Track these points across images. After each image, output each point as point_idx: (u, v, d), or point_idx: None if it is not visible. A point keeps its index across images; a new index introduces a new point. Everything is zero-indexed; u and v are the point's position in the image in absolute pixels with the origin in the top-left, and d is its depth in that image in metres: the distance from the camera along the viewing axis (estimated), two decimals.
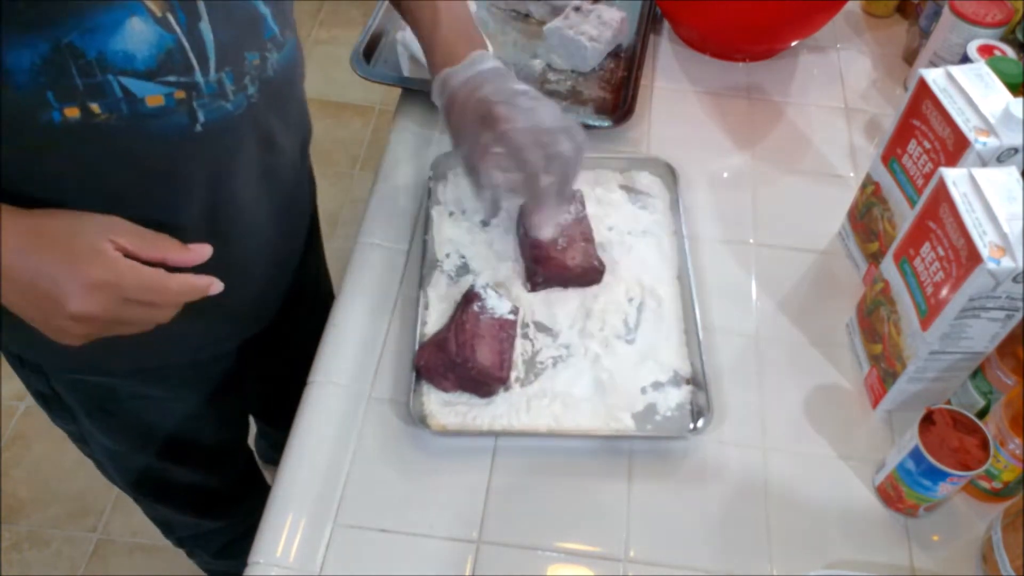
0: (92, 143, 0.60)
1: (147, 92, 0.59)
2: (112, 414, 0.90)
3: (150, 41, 0.57)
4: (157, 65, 0.58)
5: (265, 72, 0.67)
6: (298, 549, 0.68)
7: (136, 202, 0.65)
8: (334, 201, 2.07)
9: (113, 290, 0.59)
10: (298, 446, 0.73)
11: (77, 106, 0.57)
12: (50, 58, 0.54)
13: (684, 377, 0.77)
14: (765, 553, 0.70)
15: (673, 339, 0.80)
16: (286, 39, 0.69)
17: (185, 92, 0.61)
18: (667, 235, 0.88)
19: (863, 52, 1.13)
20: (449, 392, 0.75)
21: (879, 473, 0.73)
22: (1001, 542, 0.66)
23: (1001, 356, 0.71)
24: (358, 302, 0.83)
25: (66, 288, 0.57)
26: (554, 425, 0.74)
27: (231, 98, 0.65)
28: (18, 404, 1.71)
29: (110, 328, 0.61)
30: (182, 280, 0.62)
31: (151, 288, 0.60)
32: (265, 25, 0.66)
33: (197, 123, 0.63)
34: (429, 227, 0.86)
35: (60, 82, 0.55)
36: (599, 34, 1.03)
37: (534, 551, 0.69)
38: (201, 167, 0.67)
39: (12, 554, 1.55)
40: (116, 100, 0.58)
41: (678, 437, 0.75)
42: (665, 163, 0.93)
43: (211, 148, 0.66)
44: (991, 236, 0.63)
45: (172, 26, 0.58)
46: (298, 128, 0.81)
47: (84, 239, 0.59)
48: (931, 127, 0.75)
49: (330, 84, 2.19)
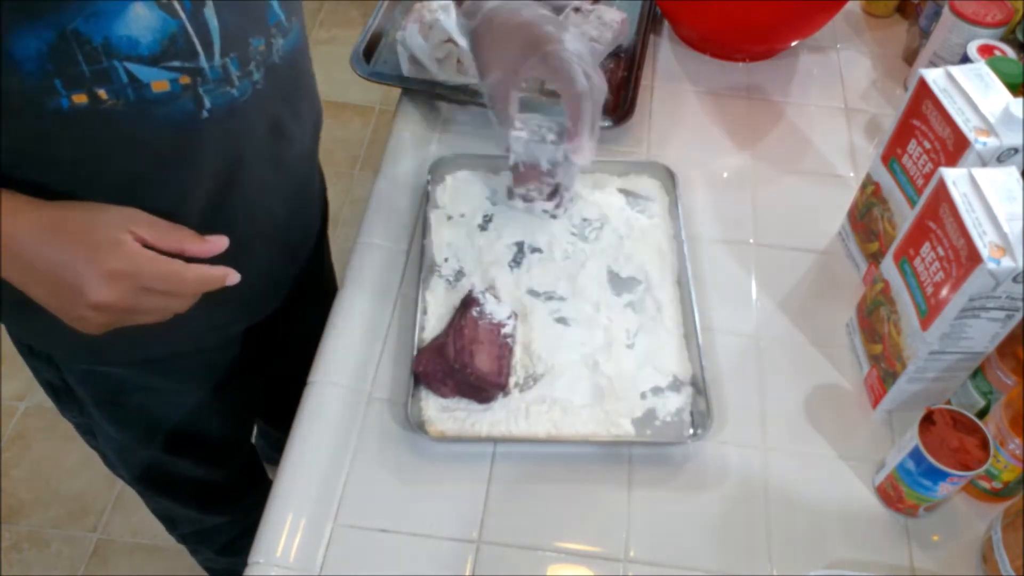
0: (100, 129, 0.61)
1: (152, 78, 0.60)
2: (121, 405, 0.91)
3: (154, 26, 0.58)
4: (161, 50, 0.59)
5: (270, 58, 0.68)
6: (298, 549, 0.68)
7: (145, 188, 0.66)
8: (334, 201, 2.05)
9: (132, 279, 0.60)
10: (298, 446, 0.73)
11: (84, 92, 0.58)
12: (56, 45, 0.55)
13: (683, 382, 0.77)
14: (765, 553, 0.70)
15: (672, 344, 0.80)
16: (292, 25, 0.70)
17: (190, 78, 0.62)
18: (666, 239, 0.88)
19: (863, 52, 1.13)
20: (448, 398, 0.75)
21: (879, 473, 0.73)
22: (1001, 542, 0.66)
23: (1001, 356, 0.71)
24: (358, 302, 0.83)
25: (86, 278, 0.59)
26: (553, 431, 0.73)
27: (236, 84, 0.65)
28: (18, 404, 1.71)
29: (129, 317, 0.63)
30: (200, 270, 0.64)
31: (169, 278, 0.62)
32: (270, 11, 0.67)
33: (203, 109, 0.64)
34: (427, 231, 0.86)
35: (67, 69, 0.56)
36: (599, 35, 1.03)
37: (534, 551, 0.69)
38: (209, 153, 0.68)
39: (12, 554, 1.55)
40: (122, 86, 0.59)
41: (678, 443, 0.74)
42: (664, 167, 0.92)
43: (218, 134, 0.67)
44: (991, 236, 0.63)
45: (176, 11, 0.59)
46: (309, 114, 0.81)
47: (104, 230, 0.60)
48: (931, 127, 0.75)
49: (330, 84, 2.17)
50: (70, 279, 0.59)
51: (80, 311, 0.61)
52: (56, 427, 0.95)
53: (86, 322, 0.62)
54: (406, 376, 0.76)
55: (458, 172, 0.92)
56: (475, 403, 0.74)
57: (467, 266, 0.84)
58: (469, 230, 0.87)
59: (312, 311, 0.89)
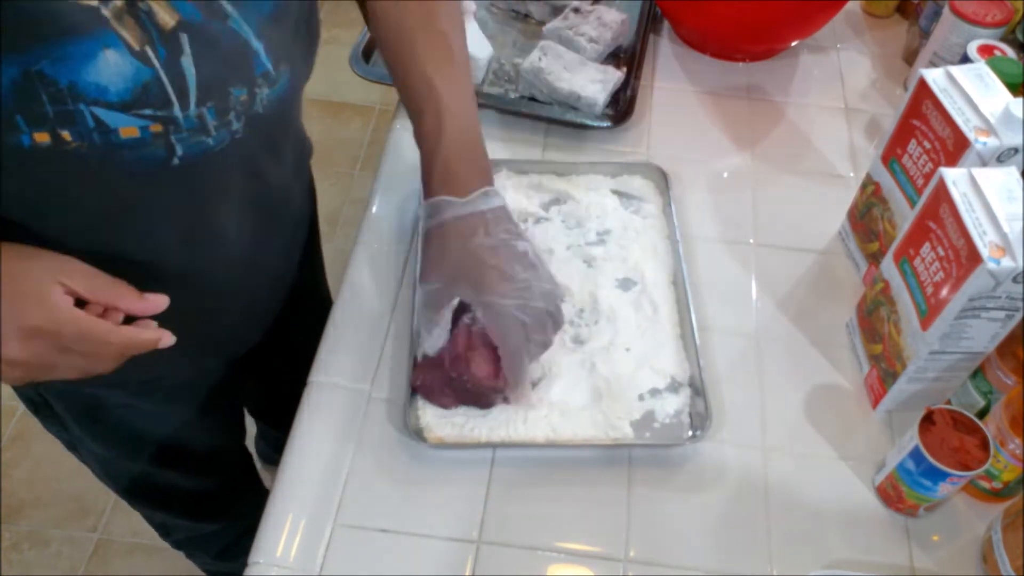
0: (63, 169, 0.57)
1: (121, 124, 0.56)
2: (100, 422, 0.88)
3: (125, 74, 0.54)
4: (132, 98, 0.55)
5: (253, 108, 0.63)
6: (298, 549, 0.68)
7: (112, 228, 0.64)
8: (334, 201, 2.07)
9: (50, 338, 0.57)
10: (298, 446, 0.73)
11: (47, 131, 0.54)
12: (20, 83, 0.52)
13: (681, 383, 0.77)
14: (765, 553, 0.70)
15: (669, 345, 0.80)
16: (279, 74, 0.64)
17: (162, 125, 0.57)
18: (661, 239, 0.88)
19: (863, 52, 1.13)
20: (449, 408, 0.74)
21: (879, 473, 0.73)
22: (1001, 542, 0.66)
23: (1001, 356, 0.71)
24: (358, 302, 0.83)
25: (3, 331, 0.56)
26: (552, 435, 0.73)
27: (213, 133, 0.61)
28: (18, 404, 1.71)
29: (44, 374, 0.60)
30: (126, 334, 0.60)
31: (89, 339, 0.59)
32: (257, 60, 0.61)
33: (175, 156, 0.59)
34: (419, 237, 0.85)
35: (29, 107, 0.52)
36: (599, 35, 1.03)
37: (534, 551, 0.69)
38: (179, 199, 0.65)
39: (12, 554, 1.55)
40: (88, 129, 0.55)
41: (676, 444, 0.74)
42: (657, 167, 0.92)
43: (190, 181, 0.63)
44: (991, 236, 0.63)
45: (151, 60, 0.55)
46: (292, 154, 0.78)
47: (31, 280, 0.57)
48: (931, 127, 0.75)
49: (330, 84, 2.19)
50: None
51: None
52: None
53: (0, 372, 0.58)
54: (404, 381, 0.76)
55: None
56: (475, 408, 0.74)
57: None
58: None
59: (305, 322, 0.88)
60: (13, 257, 0.58)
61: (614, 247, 0.87)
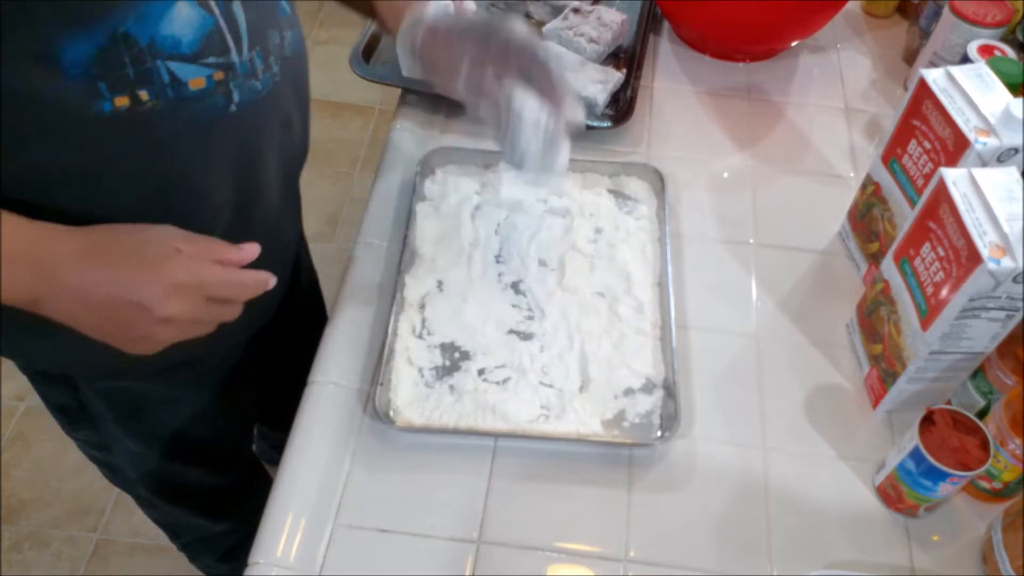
0: (132, 133, 0.61)
1: (191, 75, 0.61)
2: (139, 419, 0.90)
3: (194, 24, 0.59)
4: (200, 48, 0.60)
5: (284, 51, 0.69)
6: (298, 549, 0.68)
7: (172, 192, 0.66)
8: (334, 201, 2.07)
9: (197, 289, 0.60)
10: (298, 446, 0.73)
11: (127, 94, 0.58)
12: (105, 48, 0.55)
13: (655, 384, 0.77)
14: (765, 553, 0.70)
15: (648, 345, 0.80)
16: (295, 19, 0.72)
17: (224, 73, 0.63)
18: (651, 241, 0.88)
19: (863, 52, 1.13)
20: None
21: (879, 473, 0.73)
22: (1001, 542, 0.66)
23: (1001, 356, 0.71)
24: (358, 301, 0.83)
25: (152, 293, 0.58)
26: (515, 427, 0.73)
27: (260, 77, 0.67)
28: (18, 404, 1.71)
29: (193, 329, 0.62)
30: (253, 275, 0.64)
31: (231, 284, 0.62)
32: (279, 5, 0.69)
33: (232, 103, 0.65)
34: (412, 222, 0.86)
35: (112, 72, 0.57)
36: (599, 36, 1.03)
37: (534, 551, 0.69)
38: (234, 148, 0.68)
39: (12, 554, 1.55)
40: (163, 86, 0.60)
41: (644, 444, 0.74)
42: (653, 169, 0.92)
43: (241, 129, 0.68)
44: (991, 236, 0.63)
45: (212, 8, 0.61)
46: (306, 105, 0.82)
47: (154, 246, 0.60)
48: (931, 127, 0.75)
49: (330, 84, 2.19)
50: (132, 298, 0.58)
51: (144, 329, 0.60)
52: (56, 427, 0.94)
53: (148, 341, 0.61)
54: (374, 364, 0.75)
55: (448, 165, 0.92)
56: (445, 395, 0.74)
57: (451, 258, 0.84)
58: (456, 222, 0.87)
59: (303, 314, 0.89)
60: (122, 231, 0.61)
61: (604, 246, 0.87)
